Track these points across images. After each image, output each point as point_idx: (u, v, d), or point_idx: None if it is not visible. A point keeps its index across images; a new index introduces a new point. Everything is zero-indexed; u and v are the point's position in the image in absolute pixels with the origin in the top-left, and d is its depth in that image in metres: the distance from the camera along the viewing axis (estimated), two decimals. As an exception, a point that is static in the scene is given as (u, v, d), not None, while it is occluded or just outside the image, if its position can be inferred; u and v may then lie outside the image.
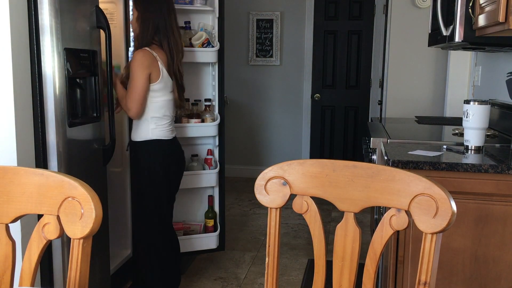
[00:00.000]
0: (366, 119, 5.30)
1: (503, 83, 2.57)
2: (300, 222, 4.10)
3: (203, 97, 3.03)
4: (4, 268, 1.13)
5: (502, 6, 1.63)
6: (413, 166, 1.79)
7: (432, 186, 1.05)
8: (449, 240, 1.80)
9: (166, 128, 2.47)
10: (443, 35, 2.27)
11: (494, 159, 1.86)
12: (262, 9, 5.46)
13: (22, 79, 1.87)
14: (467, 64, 3.74)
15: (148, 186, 2.49)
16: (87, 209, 1.05)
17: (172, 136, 2.51)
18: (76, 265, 1.06)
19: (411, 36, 4.14)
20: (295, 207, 1.23)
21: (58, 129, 1.98)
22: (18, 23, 1.83)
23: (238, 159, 5.66)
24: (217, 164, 3.05)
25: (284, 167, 1.22)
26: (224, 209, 3.17)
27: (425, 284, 1.05)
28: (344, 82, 5.44)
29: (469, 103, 1.95)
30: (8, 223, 1.13)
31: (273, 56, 5.51)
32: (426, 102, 4.21)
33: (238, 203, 4.72)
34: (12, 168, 1.15)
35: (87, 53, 2.18)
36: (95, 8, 2.23)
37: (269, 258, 1.25)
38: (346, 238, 1.17)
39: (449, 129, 2.74)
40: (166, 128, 2.47)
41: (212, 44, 2.89)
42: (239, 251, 3.50)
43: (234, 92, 5.52)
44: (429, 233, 1.05)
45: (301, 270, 3.19)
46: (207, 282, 2.97)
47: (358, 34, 5.32)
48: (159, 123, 2.44)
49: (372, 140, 2.35)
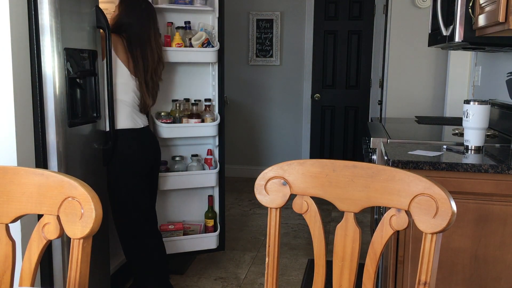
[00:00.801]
0: (366, 119, 5.30)
1: (503, 83, 2.57)
2: (300, 222, 4.10)
3: (203, 97, 3.03)
4: (4, 268, 1.13)
5: (502, 6, 1.63)
6: (413, 166, 1.79)
7: (432, 186, 1.05)
8: (449, 240, 1.80)
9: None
10: (443, 35, 2.27)
11: (494, 159, 1.86)
12: (262, 9, 5.45)
13: (22, 79, 1.87)
14: (467, 64, 3.74)
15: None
16: (87, 209, 1.05)
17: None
18: (76, 265, 1.06)
19: (411, 36, 4.14)
20: (295, 207, 1.23)
21: (58, 129, 1.98)
22: (18, 23, 1.83)
23: (238, 159, 5.66)
24: (217, 164, 3.05)
25: (284, 167, 1.22)
26: (224, 209, 3.17)
27: (425, 284, 1.05)
28: (344, 82, 5.44)
29: (469, 103, 1.95)
30: (8, 223, 1.13)
31: (273, 56, 5.51)
32: (426, 102, 4.22)
33: (238, 203, 4.72)
34: (12, 168, 1.15)
35: (87, 53, 2.18)
36: (95, 8, 2.23)
37: (269, 258, 1.25)
38: (346, 238, 1.17)
39: (449, 129, 2.74)
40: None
41: (212, 44, 2.89)
42: (239, 251, 3.50)
43: (234, 92, 5.52)
44: (429, 233, 1.05)
45: (301, 270, 3.19)
46: (207, 282, 2.97)
47: (358, 34, 5.32)
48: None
49: (372, 140, 2.35)
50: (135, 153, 2.47)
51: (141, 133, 2.50)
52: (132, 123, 2.46)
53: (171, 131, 2.86)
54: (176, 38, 2.81)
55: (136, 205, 2.50)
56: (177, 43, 2.81)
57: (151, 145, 2.58)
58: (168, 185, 2.91)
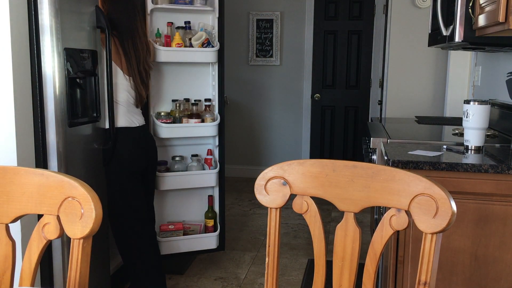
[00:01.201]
0: (366, 119, 5.30)
1: (503, 83, 2.57)
2: (300, 222, 4.10)
3: (203, 97, 3.03)
4: (4, 268, 1.13)
5: (502, 6, 1.63)
6: (413, 166, 1.79)
7: (432, 186, 1.05)
8: (449, 240, 1.80)
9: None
10: (443, 35, 2.27)
11: (494, 159, 1.86)
12: (262, 9, 5.45)
13: (22, 79, 1.87)
14: (467, 64, 3.74)
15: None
16: (87, 209, 1.05)
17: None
18: (76, 265, 1.06)
19: (411, 36, 4.14)
20: (295, 207, 1.23)
21: (58, 129, 1.98)
22: (18, 23, 1.83)
23: (238, 159, 5.66)
24: (217, 164, 3.05)
25: (284, 167, 1.22)
26: (224, 209, 3.17)
27: (425, 284, 1.05)
28: (344, 82, 5.44)
29: (469, 103, 1.95)
30: (8, 223, 1.13)
31: (273, 56, 5.51)
32: (426, 102, 4.22)
33: (238, 203, 4.72)
34: (12, 168, 1.15)
35: (87, 53, 2.18)
36: (95, 8, 2.23)
37: (269, 258, 1.25)
38: (346, 238, 1.17)
39: (449, 129, 2.74)
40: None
41: (212, 44, 2.89)
42: (239, 251, 3.50)
43: (234, 92, 5.52)
44: (429, 233, 1.05)
45: (301, 270, 3.19)
46: (207, 282, 2.97)
47: (358, 34, 5.32)
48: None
49: (372, 140, 2.35)
50: (129, 152, 2.47)
51: (136, 132, 2.50)
52: (127, 122, 2.46)
53: (171, 131, 2.86)
54: (176, 38, 2.81)
55: (129, 205, 2.49)
56: (177, 43, 2.81)
57: (146, 144, 2.58)
58: (168, 185, 2.91)
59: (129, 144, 2.46)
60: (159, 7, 2.80)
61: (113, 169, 2.41)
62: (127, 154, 2.45)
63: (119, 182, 2.45)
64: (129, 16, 2.48)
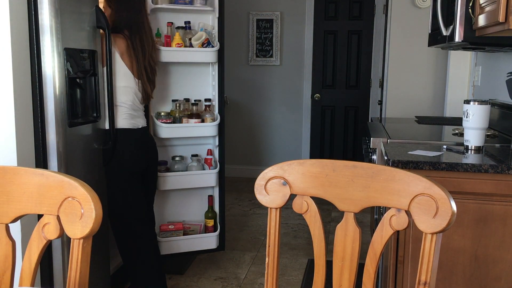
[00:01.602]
0: (366, 119, 5.30)
1: (503, 83, 2.57)
2: (300, 222, 4.10)
3: (203, 97, 3.03)
4: (4, 268, 1.13)
5: (502, 6, 1.63)
6: (413, 166, 1.79)
7: (432, 186, 1.05)
8: (449, 240, 1.80)
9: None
10: (443, 35, 2.27)
11: (494, 159, 1.86)
12: (262, 9, 5.45)
13: (22, 79, 1.87)
14: (467, 64, 3.74)
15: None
16: (87, 209, 1.05)
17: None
18: (76, 265, 1.06)
19: (411, 36, 4.14)
20: (295, 207, 1.23)
21: (58, 129, 1.98)
22: (18, 23, 1.83)
23: (238, 159, 5.66)
24: (217, 164, 3.05)
25: (284, 167, 1.22)
26: (224, 209, 3.17)
27: (425, 284, 1.05)
28: (344, 82, 5.44)
29: (469, 103, 1.95)
30: (8, 223, 1.13)
31: (273, 56, 5.51)
32: (426, 102, 4.22)
33: (238, 203, 4.72)
34: (12, 168, 1.15)
35: (87, 53, 2.18)
36: (95, 8, 2.23)
37: (269, 258, 1.25)
38: (346, 238, 1.17)
39: (449, 129, 2.74)
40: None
41: (212, 44, 2.89)
42: (239, 251, 3.50)
43: (234, 92, 5.52)
44: (429, 233, 1.05)
45: (301, 270, 3.19)
46: (207, 282, 2.97)
47: (358, 34, 5.32)
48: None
49: (372, 140, 2.35)
50: (130, 152, 2.47)
51: (138, 133, 2.50)
52: (130, 123, 2.46)
53: (171, 131, 2.86)
54: (176, 38, 2.81)
55: (129, 205, 2.49)
56: (177, 43, 2.81)
57: (146, 145, 2.58)
58: (168, 185, 2.91)
59: (129, 144, 2.46)
60: (159, 7, 2.80)
61: (113, 169, 2.41)
62: (127, 154, 2.45)
63: (119, 182, 2.45)
64: (136, 12, 2.49)
